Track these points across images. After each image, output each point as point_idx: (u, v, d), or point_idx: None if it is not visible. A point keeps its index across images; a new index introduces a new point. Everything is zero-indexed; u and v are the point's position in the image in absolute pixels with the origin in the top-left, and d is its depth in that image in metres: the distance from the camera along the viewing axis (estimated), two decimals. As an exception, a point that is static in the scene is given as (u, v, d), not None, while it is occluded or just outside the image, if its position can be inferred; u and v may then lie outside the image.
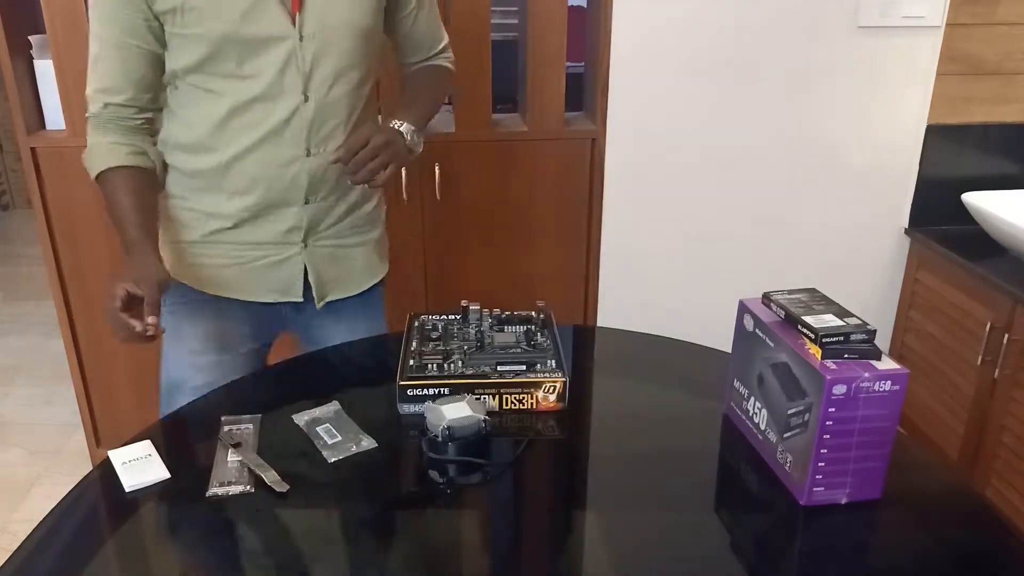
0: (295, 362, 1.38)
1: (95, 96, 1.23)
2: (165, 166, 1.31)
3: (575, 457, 1.13)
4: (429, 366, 1.18)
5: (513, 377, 1.15)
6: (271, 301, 1.37)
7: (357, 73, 1.27)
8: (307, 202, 1.31)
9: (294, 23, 1.18)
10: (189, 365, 1.34)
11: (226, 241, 1.32)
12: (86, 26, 1.86)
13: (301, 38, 1.19)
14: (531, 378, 1.15)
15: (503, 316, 1.32)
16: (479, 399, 1.13)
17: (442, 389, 1.14)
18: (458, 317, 1.32)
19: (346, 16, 1.23)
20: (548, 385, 1.14)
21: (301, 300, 1.38)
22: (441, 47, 1.45)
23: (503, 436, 1.11)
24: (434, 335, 1.27)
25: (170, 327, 1.31)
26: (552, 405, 1.16)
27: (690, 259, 2.29)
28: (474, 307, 1.32)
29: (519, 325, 1.29)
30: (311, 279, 1.37)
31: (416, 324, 1.31)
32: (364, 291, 1.45)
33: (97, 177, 1.23)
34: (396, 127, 1.27)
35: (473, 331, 1.28)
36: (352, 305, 1.43)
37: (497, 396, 1.15)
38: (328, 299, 1.40)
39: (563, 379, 1.15)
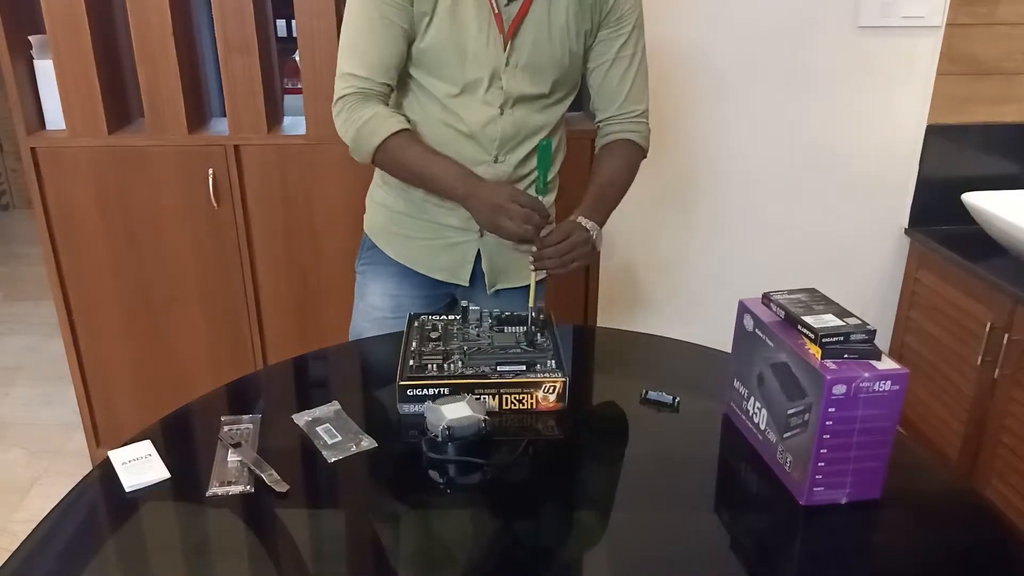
0: (295, 362, 1.38)
1: (356, 73, 1.30)
2: None
3: (575, 457, 1.12)
4: (429, 366, 1.18)
5: (513, 377, 1.15)
6: (440, 279, 1.48)
7: (553, 96, 1.38)
8: None
9: (505, 48, 1.29)
10: (368, 319, 1.51)
11: (418, 217, 1.44)
12: (86, 26, 1.89)
13: (507, 63, 1.30)
14: (531, 378, 1.15)
15: (503, 316, 1.32)
16: (479, 399, 1.13)
17: (442, 389, 1.14)
18: (458, 318, 1.32)
19: (552, 56, 1.33)
20: (548, 385, 1.14)
21: (467, 285, 1.47)
22: (634, 110, 1.43)
23: (503, 436, 1.11)
24: (434, 335, 1.27)
25: (359, 284, 1.54)
26: (552, 405, 1.16)
27: (690, 259, 2.29)
28: (474, 308, 1.32)
29: (519, 326, 1.29)
30: (484, 266, 1.46)
31: (416, 324, 1.31)
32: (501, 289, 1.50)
33: (381, 144, 1.30)
34: (586, 226, 1.30)
35: (474, 331, 1.28)
36: (520, 295, 1.48)
37: (497, 396, 1.15)
38: (499, 287, 1.48)
39: (563, 379, 1.15)
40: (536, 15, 1.29)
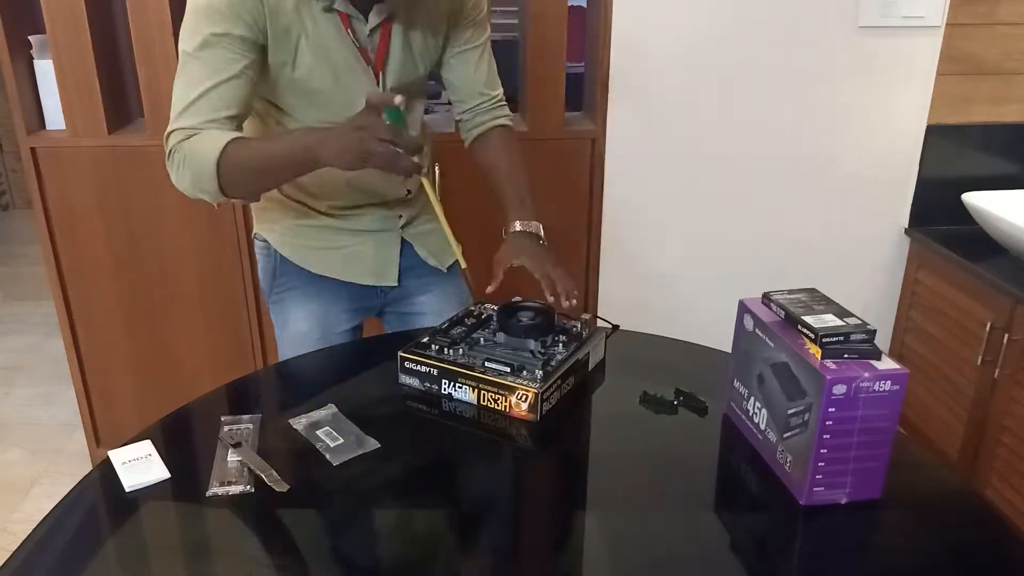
0: (295, 362, 1.38)
1: (191, 116, 1.17)
2: None
3: (573, 457, 1.12)
4: (434, 346, 1.21)
5: (493, 376, 1.15)
6: (368, 283, 1.46)
7: (422, 100, 1.43)
8: (397, 203, 1.44)
9: (378, 82, 1.30)
10: (296, 347, 1.44)
11: (333, 227, 1.42)
12: (86, 26, 1.88)
13: (382, 91, 1.31)
14: (507, 381, 1.14)
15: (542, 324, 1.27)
16: None
17: (433, 370, 1.18)
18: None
19: (416, 73, 1.36)
20: (521, 392, 1.13)
21: (396, 284, 1.47)
22: (495, 95, 1.47)
23: (484, 433, 1.12)
24: (469, 321, 1.30)
25: (277, 314, 1.48)
26: (524, 414, 1.13)
27: (690, 259, 2.29)
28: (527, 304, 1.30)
29: (546, 334, 1.24)
30: (421, 254, 1.48)
31: (473, 308, 1.35)
32: (450, 266, 1.53)
33: (221, 155, 1.14)
34: (530, 231, 1.36)
35: (511, 323, 1.25)
36: (442, 279, 1.52)
37: (476, 390, 1.16)
38: (447, 264, 1.51)
39: (535, 390, 1.12)
40: (397, 41, 1.30)
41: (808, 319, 0.98)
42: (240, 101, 1.19)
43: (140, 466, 1.02)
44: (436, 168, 1.98)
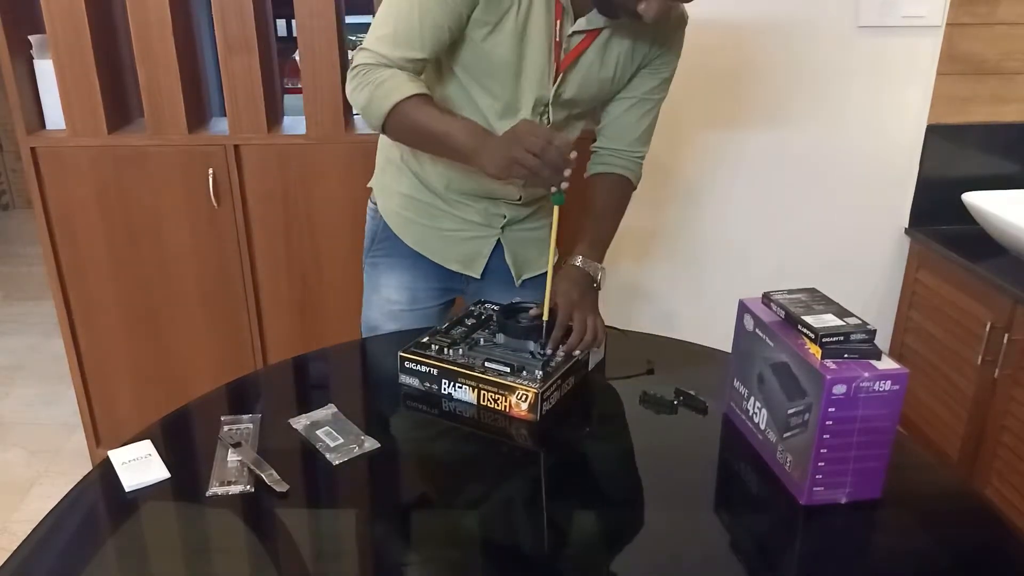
0: (295, 362, 1.38)
1: (387, 45, 1.22)
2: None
3: (573, 458, 1.12)
4: (434, 346, 1.21)
5: (493, 376, 1.15)
6: (454, 270, 1.49)
7: (582, 123, 1.42)
8: (514, 203, 1.44)
9: (554, 81, 1.29)
10: (383, 312, 1.50)
11: (440, 208, 1.45)
12: (86, 26, 1.88)
13: (554, 96, 1.30)
14: (507, 381, 1.14)
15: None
16: None
17: (433, 370, 1.18)
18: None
19: (591, 98, 1.36)
20: (521, 392, 1.13)
21: (479, 278, 1.49)
22: (640, 152, 1.45)
23: (484, 433, 1.12)
24: (469, 321, 1.30)
25: (370, 276, 1.53)
26: (524, 414, 1.14)
27: (690, 258, 2.29)
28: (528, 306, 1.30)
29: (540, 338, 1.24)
30: (508, 259, 1.48)
31: (473, 308, 1.35)
32: (523, 281, 1.54)
33: (395, 106, 1.20)
34: (586, 270, 1.34)
35: (512, 324, 1.25)
36: (540, 282, 1.49)
37: (476, 390, 1.16)
38: (524, 277, 1.51)
39: (535, 390, 1.12)
40: (590, 56, 1.29)
41: (808, 319, 0.98)
42: (433, 47, 1.23)
43: (140, 466, 1.02)
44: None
